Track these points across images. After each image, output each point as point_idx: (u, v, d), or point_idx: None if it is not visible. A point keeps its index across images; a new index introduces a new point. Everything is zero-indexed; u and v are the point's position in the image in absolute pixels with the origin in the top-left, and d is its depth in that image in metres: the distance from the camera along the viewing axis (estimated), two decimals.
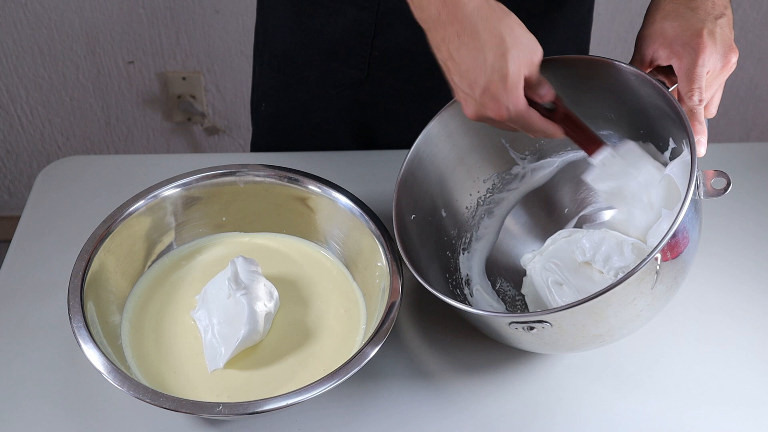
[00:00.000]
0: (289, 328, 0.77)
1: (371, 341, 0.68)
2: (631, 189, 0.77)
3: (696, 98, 0.71)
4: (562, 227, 0.85)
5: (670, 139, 0.76)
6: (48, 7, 1.59)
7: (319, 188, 0.82)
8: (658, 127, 0.77)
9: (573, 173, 0.85)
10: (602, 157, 0.75)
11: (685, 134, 0.70)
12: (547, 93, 0.72)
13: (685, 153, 0.73)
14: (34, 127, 1.79)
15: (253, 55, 1.09)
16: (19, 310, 0.80)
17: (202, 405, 0.65)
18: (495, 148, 0.83)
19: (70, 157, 0.99)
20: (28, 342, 0.77)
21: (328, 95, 1.02)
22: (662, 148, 0.78)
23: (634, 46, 0.78)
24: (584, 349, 0.76)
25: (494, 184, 0.85)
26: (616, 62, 0.76)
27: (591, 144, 0.75)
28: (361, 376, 0.69)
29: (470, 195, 0.84)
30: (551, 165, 0.85)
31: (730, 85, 1.88)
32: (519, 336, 0.69)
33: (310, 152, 0.98)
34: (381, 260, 0.76)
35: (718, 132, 1.94)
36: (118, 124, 1.81)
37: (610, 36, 1.74)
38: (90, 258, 0.74)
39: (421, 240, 0.79)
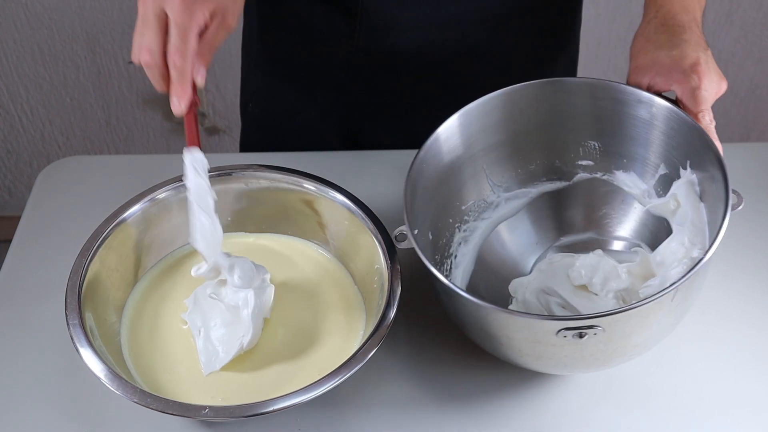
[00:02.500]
0: (287, 331, 0.77)
1: (365, 346, 0.68)
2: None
3: (708, 118, 0.73)
4: (532, 259, 0.84)
5: (661, 165, 0.78)
6: (48, 7, 1.59)
7: (319, 189, 0.81)
8: (647, 154, 0.79)
9: (545, 205, 0.85)
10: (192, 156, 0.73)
11: (697, 155, 0.73)
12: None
13: (688, 173, 0.75)
14: (34, 127, 1.79)
15: (241, 54, 1.10)
16: (18, 310, 0.80)
17: (188, 407, 0.65)
18: (475, 173, 0.82)
19: (70, 157, 0.99)
20: (28, 342, 0.77)
21: (315, 96, 1.02)
22: (646, 176, 0.80)
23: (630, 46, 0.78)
24: (606, 367, 0.74)
25: (471, 211, 0.83)
26: (617, 83, 0.77)
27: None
28: (361, 378, 0.69)
29: (450, 220, 0.82)
30: (525, 196, 0.84)
31: (730, 86, 1.88)
32: (553, 348, 0.67)
33: (311, 152, 0.98)
34: (379, 262, 0.76)
35: (718, 132, 1.94)
36: (119, 124, 1.81)
37: (610, 36, 1.74)
38: (90, 258, 0.74)
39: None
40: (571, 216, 0.85)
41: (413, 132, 0.79)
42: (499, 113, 0.80)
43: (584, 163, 0.81)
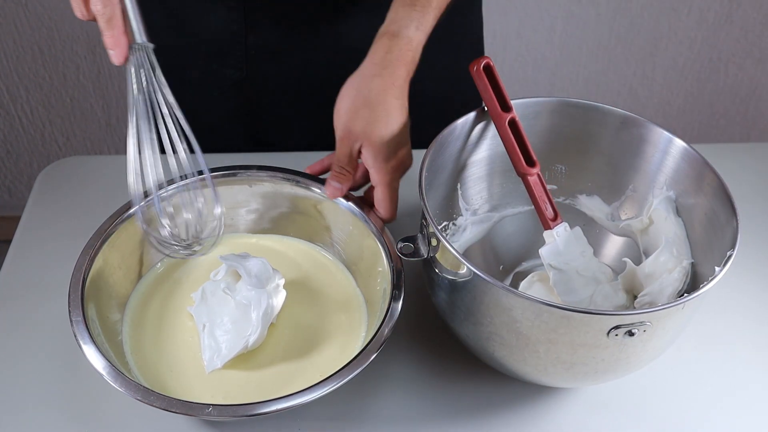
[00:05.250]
0: (289, 332, 0.77)
1: (366, 349, 0.68)
2: (573, 266, 0.77)
3: None
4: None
5: (630, 186, 0.81)
6: (48, 7, 1.59)
7: (323, 191, 0.81)
8: (614, 175, 0.81)
9: (506, 230, 0.84)
10: (558, 230, 0.76)
11: (679, 173, 0.76)
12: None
13: (665, 191, 0.78)
14: (34, 127, 1.79)
15: None
16: (19, 310, 0.80)
17: (192, 405, 0.65)
18: (449, 193, 0.80)
19: (70, 158, 0.99)
20: (28, 342, 0.77)
21: (212, 97, 1.01)
22: (612, 198, 0.82)
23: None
24: (622, 376, 0.72)
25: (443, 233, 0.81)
26: (590, 103, 0.79)
27: (551, 218, 0.77)
28: (362, 380, 0.69)
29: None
30: (489, 220, 0.83)
31: (730, 86, 1.88)
32: (595, 351, 0.65)
33: (313, 152, 0.98)
34: (383, 265, 0.76)
35: (718, 132, 1.95)
36: (119, 125, 1.81)
37: (610, 36, 1.74)
38: (93, 255, 0.74)
39: None
40: (531, 241, 0.84)
41: (323, 132, 0.78)
42: (479, 131, 0.79)
43: (549, 187, 0.81)
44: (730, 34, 1.76)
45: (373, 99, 0.74)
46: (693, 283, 0.74)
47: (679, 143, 0.76)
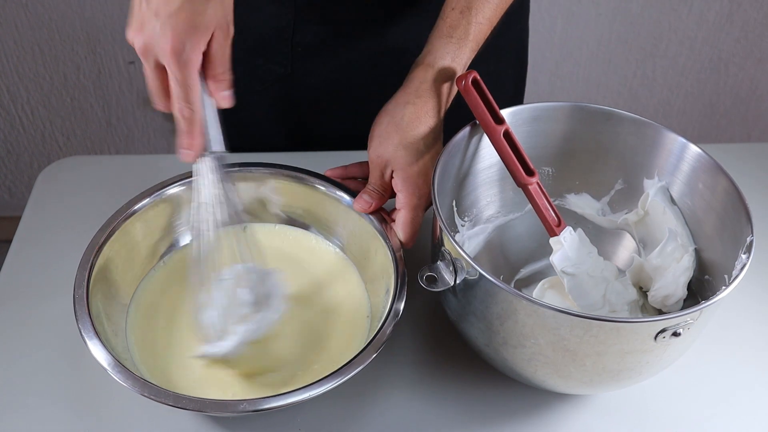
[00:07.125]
0: (293, 330, 0.77)
1: (368, 348, 0.68)
2: (584, 269, 0.77)
3: None
4: None
5: (619, 180, 0.81)
6: (49, 8, 1.59)
7: (325, 187, 0.82)
8: (603, 171, 0.81)
9: (501, 238, 0.84)
10: (564, 235, 0.76)
11: (671, 162, 0.76)
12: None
13: (656, 181, 0.78)
14: (35, 127, 1.79)
15: None
16: (20, 310, 0.80)
17: (226, 404, 0.64)
18: (447, 212, 0.79)
19: (70, 158, 0.99)
20: (30, 342, 0.77)
21: (255, 92, 1.02)
22: (601, 194, 0.82)
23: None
24: (647, 378, 0.71)
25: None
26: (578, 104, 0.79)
27: (556, 224, 0.77)
28: (361, 380, 0.69)
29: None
30: (484, 231, 0.83)
31: (731, 86, 1.88)
32: (641, 356, 0.64)
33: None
34: (387, 263, 0.76)
35: (718, 132, 1.95)
36: (119, 125, 1.81)
37: (610, 36, 1.74)
38: (97, 252, 0.74)
39: None
40: (526, 246, 0.84)
41: (363, 130, 0.78)
42: (475, 145, 0.78)
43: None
44: (730, 34, 1.76)
45: (405, 126, 0.75)
46: (700, 269, 0.75)
47: (666, 131, 0.77)
